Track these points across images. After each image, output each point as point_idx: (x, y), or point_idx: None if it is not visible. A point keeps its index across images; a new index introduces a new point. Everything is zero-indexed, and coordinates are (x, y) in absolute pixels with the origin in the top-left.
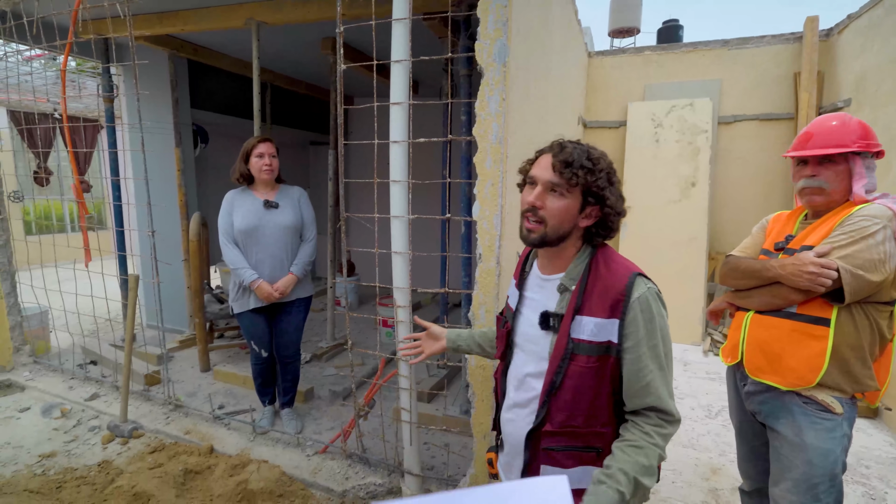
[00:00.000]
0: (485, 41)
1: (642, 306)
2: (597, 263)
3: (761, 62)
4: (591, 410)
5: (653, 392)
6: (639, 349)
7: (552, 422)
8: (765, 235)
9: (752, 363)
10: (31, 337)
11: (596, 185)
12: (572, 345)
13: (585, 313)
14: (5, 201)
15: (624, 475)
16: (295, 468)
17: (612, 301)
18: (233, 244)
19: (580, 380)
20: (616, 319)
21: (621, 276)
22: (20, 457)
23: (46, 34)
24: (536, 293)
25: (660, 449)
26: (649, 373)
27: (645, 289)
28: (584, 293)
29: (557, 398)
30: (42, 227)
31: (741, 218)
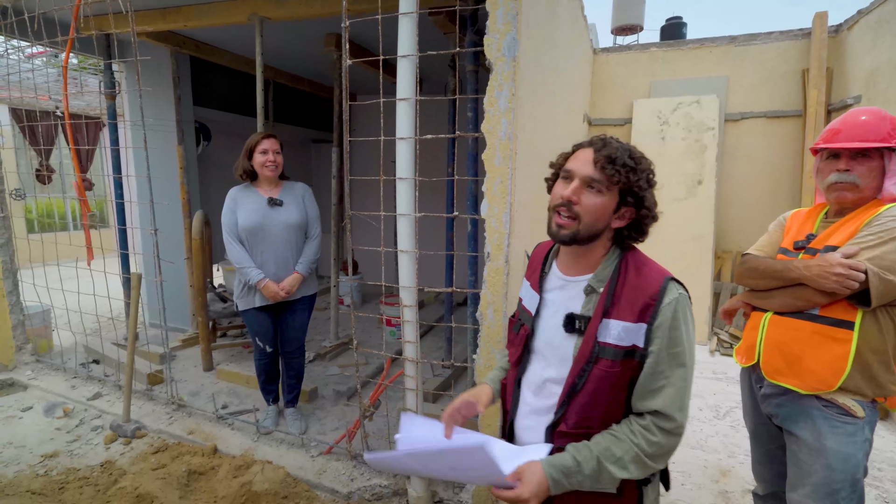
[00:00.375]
0: (494, 35)
1: (672, 311)
2: (626, 266)
3: (769, 59)
4: (607, 415)
5: (661, 397)
6: (660, 354)
7: (567, 422)
8: (783, 234)
9: (770, 365)
10: (33, 335)
11: (637, 186)
12: (598, 348)
13: (613, 316)
14: (7, 199)
15: (588, 450)
16: (299, 469)
17: (643, 305)
18: (237, 242)
19: (600, 383)
20: (644, 324)
21: (653, 279)
22: (23, 457)
23: (48, 30)
24: (557, 295)
25: (639, 450)
26: (664, 379)
27: (677, 294)
28: (612, 296)
29: (576, 401)
30: (44, 226)
31: (748, 216)
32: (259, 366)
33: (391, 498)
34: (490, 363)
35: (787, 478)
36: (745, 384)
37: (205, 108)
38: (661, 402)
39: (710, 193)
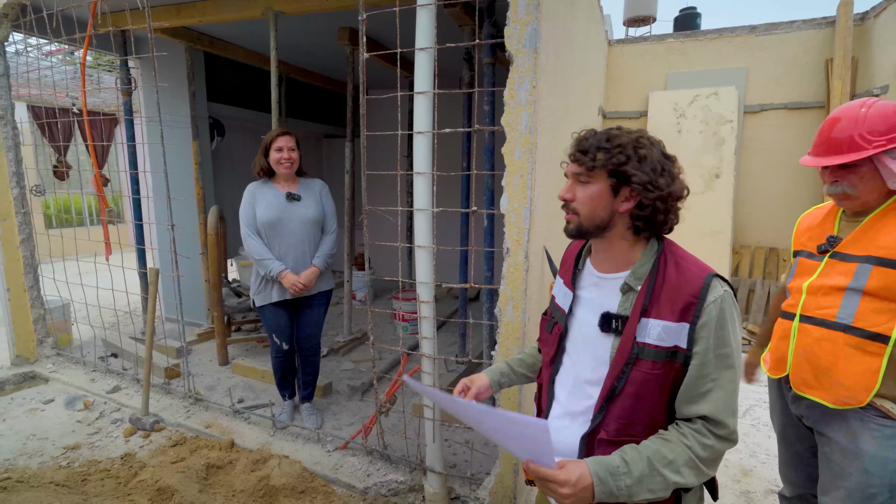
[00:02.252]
0: (515, 26)
1: (717, 310)
2: (665, 262)
3: (790, 48)
4: (650, 420)
5: (709, 401)
6: (706, 355)
7: (607, 429)
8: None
9: (798, 377)
10: (53, 329)
11: (612, 163)
12: (637, 349)
13: (652, 316)
14: (28, 195)
15: (636, 451)
16: (316, 464)
17: (684, 304)
18: (256, 236)
19: (642, 386)
20: (686, 324)
21: (695, 276)
22: (46, 449)
23: (66, 28)
24: (592, 292)
25: (693, 454)
26: (711, 382)
27: (721, 291)
28: (651, 294)
29: (616, 405)
30: (61, 221)
31: (767, 211)
32: (276, 363)
33: (407, 493)
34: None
35: (817, 481)
36: (772, 383)
37: (218, 103)
38: (710, 407)
39: (729, 187)
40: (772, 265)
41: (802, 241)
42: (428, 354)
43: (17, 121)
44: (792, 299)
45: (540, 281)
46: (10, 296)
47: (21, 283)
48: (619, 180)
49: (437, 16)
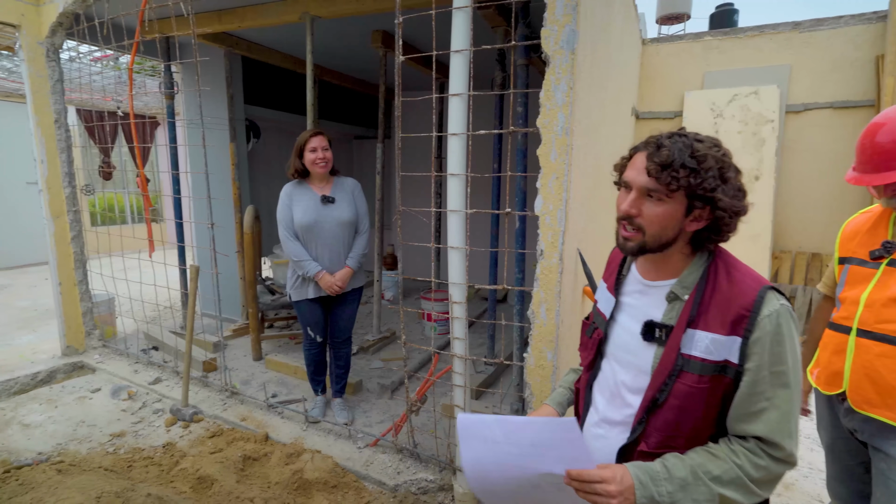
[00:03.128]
0: (552, 27)
1: (772, 325)
2: (716, 271)
3: (837, 45)
4: (694, 434)
5: (763, 421)
6: (759, 373)
7: (647, 441)
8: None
9: (859, 395)
10: (100, 322)
11: (702, 188)
12: (681, 361)
13: (700, 327)
14: (78, 195)
15: (678, 459)
16: (347, 460)
17: (735, 316)
18: (294, 238)
19: (687, 400)
20: (738, 337)
21: (749, 287)
22: (94, 435)
23: (115, 35)
24: (636, 299)
25: (742, 472)
26: (765, 400)
27: (778, 305)
28: (699, 304)
29: (657, 417)
30: (105, 219)
31: (809, 215)
32: (308, 356)
33: (437, 493)
34: (541, 363)
35: (868, 497)
36: (820, 395)
37: (255, 106)
38: (765, 428)
39: (769, 190)
40: (814, 271)
41: (850, 247)
42: (460, 355)
43: (69, 124)
44: (845, 311)
45: (573, 284)
46: (62, 290)
47: (72, 278)
48: (704, 203)
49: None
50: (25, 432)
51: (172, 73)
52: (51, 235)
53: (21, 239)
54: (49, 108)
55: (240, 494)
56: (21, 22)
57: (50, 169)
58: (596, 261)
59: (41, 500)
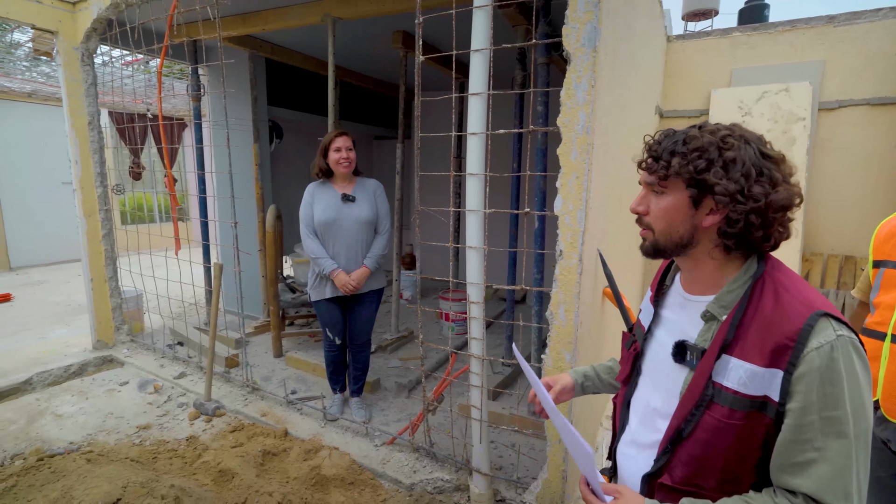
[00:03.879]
0: (574, 25)
1: (826, 361)
2: (762, 290)
3: (876, 39)
4: (728, 474)
5: (811, 476)
6: (805, 416)
7: (672, 474)
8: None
9: (893, 403)
10: (128, 317)
11: (688, 170)
12: (712, 391)
13: (736, 354)
14: (110, 194)
15: (710, 502)
16: (364, 457)
17: (776, 345)
18: (313, 235)
19: (715, 436)
20: (779, 370)
21: (796, 312)
22: (121, 427)
23: (145, 39)
24: (676, 313)
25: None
26: (814, 451)
27: (833, 337)
28: (737, 327)
29: (682, 449)
30: (133, 217)
31: (842, 216)
32: (328, 356)
33: (453, 492)
34: (560, 364)
35: None
36: None
37: (277, 107)
38: (812, 484)
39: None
40: (847, 274)
41: (886, 250)
42: (477, 355)
43: (101, 126)
44: (879, 316)
45: (593, 285)
46: (93, 286)
47: (102, 274)
48: (700, 190)
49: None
50: (58, 422)
51: (199, 75)
52: (83, 233)
53: (56, 236)
54: (83, 110)
55: (259, 488)
56: (58, 28)
57: (83, 169)
58: (616, 262)
59: (71, 487)
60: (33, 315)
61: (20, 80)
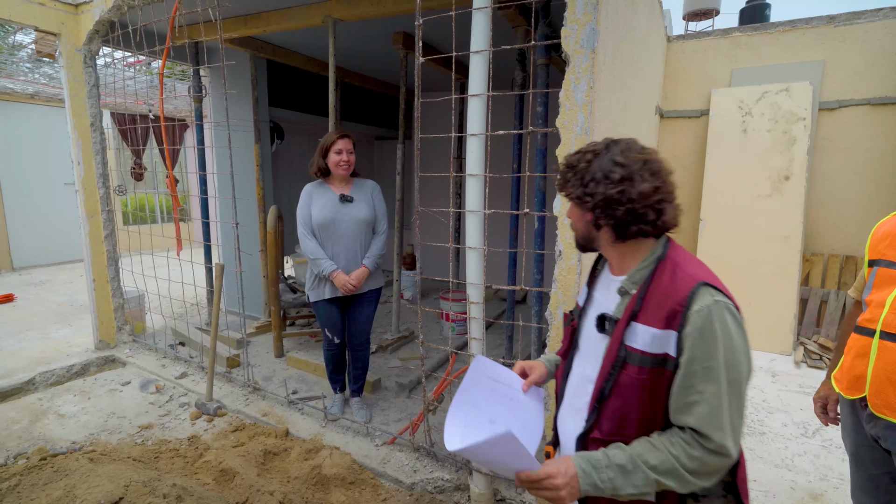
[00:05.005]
0: (572, 26)
1: (703, 321)
2: (663, 268)
3: (876, 38)
4: (644, 423)
5: (694, 414)
6: (691, 366)
7: (601, 429)
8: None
9: (880, 399)
10: (130, 318)
11: (568, 191)
12: (624, 353)
13: (641, 321)
14: (112, 195)
15: (619, 448)
16: (365, 457)
17: (670, 311)
18: (311, 236)
19: (630, 390)
20: (673, 331)
21: (685, 284)
22: (123, 426)
23: (147, 41)
24: (602, 293)
25: (677, 462)
26: (696, 394)
27: (710, 301)
28: (643, 299)
29: (607, 406)
30: (136, 218)
31: (842, 216)
32: (327, 356)
33: (453, 492)
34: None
35: None
36: (844, 401)
37: (279, 108)
38: (695, 420)
39: (800, 190)
40: (848, 275)
41: (880, 249)
42: (476, 355)
43: (103, 127)
44: (870, 313)
45: None
46: (96, 286)
47: (104, 275)
48: (582, 203)
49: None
50: (60, 422)
51: (201, 76)
52: (86, 234)
53: (59, 237)
54: (85, 111)
55: (260, 487)
56: (61, 30)
57: (86, 170)
58: None
59: (74, 486)
60: (36, 315)
61: (23, 81)
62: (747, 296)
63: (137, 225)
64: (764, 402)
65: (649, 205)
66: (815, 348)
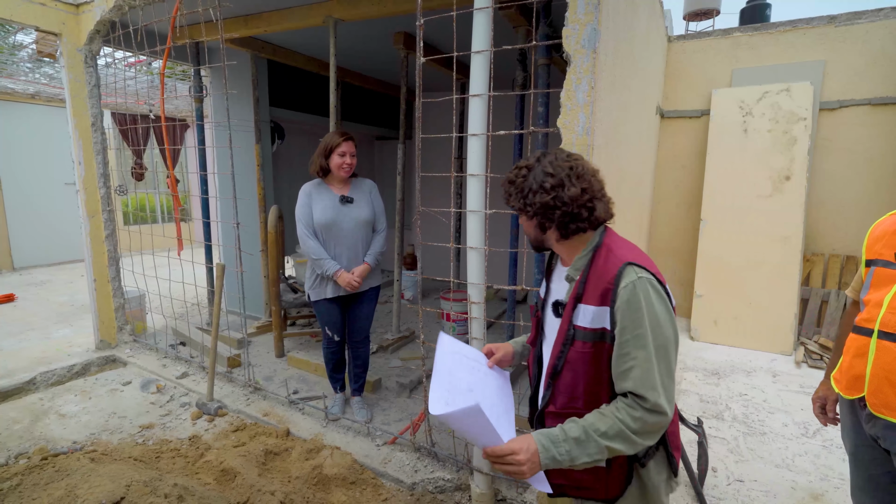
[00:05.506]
0: (573, 26)
1: (629, 295)
2: (599, 254)
3: (877, 38)
4: (590, 395)
5: (630, 378)
6: (623, 336)
7: (555, 403)
8: (869, 255)
9: (878, 398)
10: (131, 317)
11: (514, 205)
12: (573, 331)
13: (584, 301)
14: (112, 195)
15: (573, 422)
16: (365, 457)
17: (603, 290)
18: (313, 236)
19: (577, 364)
20: (607, 307)
21: (613, 265)
22: (124, 426)
23: (147, 41)
24: (557, 283)
25: (623, 425)
26: (631, 360)
27: (634, 277)
28: (584, 283)
29: (559, 381)
30: (136, 218)
31: (843, 216)
32: (327, 354)
33: (454, 492)
34: None
35: None
36: (843, 401)
37: (279, 108)
38: (632, 384)
39: (800, 190)
40: (848, 275)
41: (877, 249)
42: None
43: (104, 127)
44: (868, 313)
45: None
46: (96, 286)
47: (105, 275)
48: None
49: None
50: (62, 422)
51: (202, 77)
52: (86, 234)
53: (60, 237)
54: (86, 111)
55: (261, 487)
56: (62, 30)
57: (87, 170)
58: None
59: (75, 486)
60: (37, 315)
61: (24, 81)
62: (748, 296)
63: (138, 225)
64: (765, 402)
65: (581, 205)
66: (816, 348)
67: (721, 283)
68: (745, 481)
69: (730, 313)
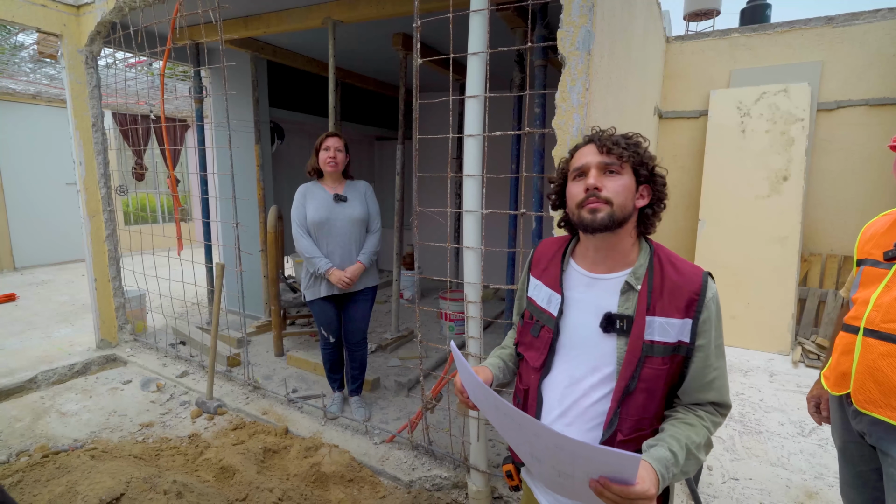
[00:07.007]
0: (568, 28)
1: (716, 305)
2: (660, 262)
3: (874, 39)
4: (658, 412)
5: (716, 388)
6: (708, 348)
7: (622, 430)
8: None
9: (863, 395)
10: (131, 317)
11: (641, 162)
12: (647, 347)
13: (658, 314)
14: (113, 195)
15: (675, 440)
16: (363, 455)
17: (687, 301)
18: (306, 234)
19: (653, 382)
20: (689, 319)
21: (694, 274)
22: (124, 425)
23: (148, 42)
24: (583, 293)
25: (710, 433)
26: (714, 370)
27: (716, 289)
28: (652, 293)
29: (629, 404)
30: (137, 218)
31: (841, 217)
32: (325, 354)
33: (451, 490)
34: None
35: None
36: (833, 398)
37: (279, 109)
38: (717, 394)
39: (798, 190)
40: (846, 275)
41: (867, 249)
42: (474, 354)
43: (105, 127)
44: (855, 311)
45: None
46: (97, 285)
47: (106, 274)
48: (638, 177)
49: (488, 19)
50: (63, 420)
51: (202, 77)
52: (87, 233)
53: (61, 237)
54: (87, 112)
55: (260, 485)
56: (63, 31)
57: (87, 170)
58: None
59: (76, 483)
60: (38, 314)
61: (25, 81)
62: (746, 296)
63: (139, 225)
64: (761, 401)
65: (665, 194)
66: (813, 348)
67: (719, 282)
68: (739, 479)
69: (727, 313)
